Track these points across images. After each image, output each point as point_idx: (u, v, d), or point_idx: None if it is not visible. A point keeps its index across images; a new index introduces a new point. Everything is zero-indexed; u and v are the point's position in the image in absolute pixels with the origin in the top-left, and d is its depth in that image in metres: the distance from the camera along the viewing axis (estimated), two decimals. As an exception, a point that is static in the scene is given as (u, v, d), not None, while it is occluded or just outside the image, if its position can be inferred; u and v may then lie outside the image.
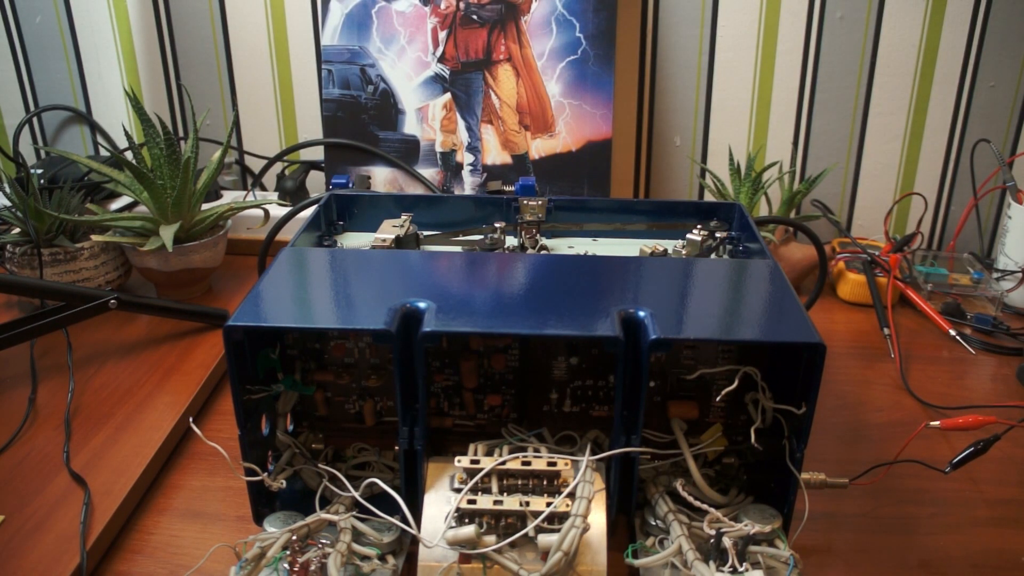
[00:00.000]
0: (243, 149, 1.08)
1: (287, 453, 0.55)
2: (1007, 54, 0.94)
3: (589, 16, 0.91)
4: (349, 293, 0.51)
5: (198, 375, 0.71)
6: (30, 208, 0.79)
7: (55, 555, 0.50)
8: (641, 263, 0.56)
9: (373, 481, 0.48)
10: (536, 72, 0.92)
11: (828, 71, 0.97)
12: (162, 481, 0.60)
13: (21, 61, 1.07)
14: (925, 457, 0.59)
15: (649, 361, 0.46)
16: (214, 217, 0.84)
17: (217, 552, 0.49)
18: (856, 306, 0.88)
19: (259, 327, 0.48)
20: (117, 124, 1.09)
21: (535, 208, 0.67)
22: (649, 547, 0.49)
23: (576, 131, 0.93)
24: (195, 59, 1.05)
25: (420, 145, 0.95)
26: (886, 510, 0.57)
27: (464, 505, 0.45)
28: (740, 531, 0.45)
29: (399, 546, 0.50)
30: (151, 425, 0.64)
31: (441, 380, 0.56)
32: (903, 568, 0.52)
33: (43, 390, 0.68)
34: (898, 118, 0.98)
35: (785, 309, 0.49)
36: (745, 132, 1.01)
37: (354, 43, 0.93)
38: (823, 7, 0.94)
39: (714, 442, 0.53)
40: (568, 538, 0.44)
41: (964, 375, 0.75)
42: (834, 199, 1.03)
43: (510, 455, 0.48)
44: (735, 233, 0.66)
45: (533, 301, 0.50)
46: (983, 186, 0.94)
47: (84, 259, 0.82)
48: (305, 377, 0.56)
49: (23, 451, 0.61)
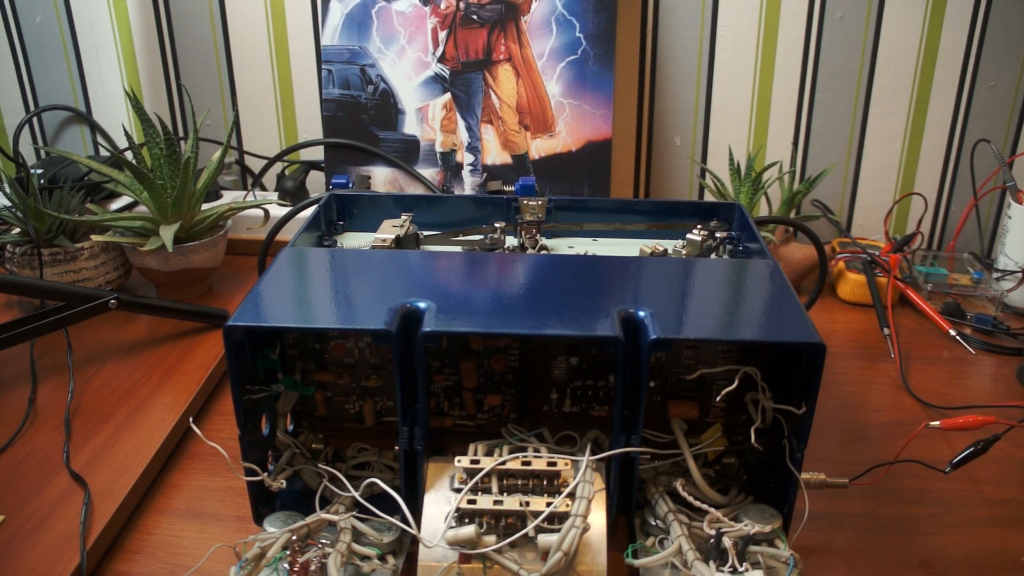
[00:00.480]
0: (243, 149, 1.08)
1: (287, 453, 0.55)
2: (1007, 54, 0.94)
3: (589, 16, 0.91)
4: (349, 293, 0.51)
5: (198, 375, 0.71)
6: (30, 208, 0.79)
7: (55, 555, 0.50)
8: (641, 263, 0.56)
9: (373, 481, 0.48)
10: (536, 72, 0.92)
11: (828, 71, 0.97)
12: (162, 481, 0.60)
13: (21, 61, 1.07)
14: (925, 457, 0.59)
15: (649, 361, 0.46)
16: (214, 217, 0.84)
17: (217, 552, 0.49)
18: (856, 306, 0.88)
19: (259, 327, 0.48)
20: (117, 124, 1.09)
21: (535, 208, 0.67)
22: (649, 547, 0.49)
23: (576, 131, 0.93)
24: (195, 59, 1.05)
25: (420, 145, 0.95)
26: (886, 510, 0.57)
27: (464, 505, 0.45)
28: (740, 531, 0.45)
29: (399, 546, 0.50)
30: (151, 425, 0.64)
31: (441, 380, 0.56)
32: (903, 568, 0.52)
33: (43, 390, 0.68)
34: (898, 118, 0.98)
35: (785, 309, 0.49)
36: (745, 132, 1.01)
37: (354, 43, 0.93)
38: (823, 7, 0.94)
39: (714, 442, 0.53)
40: (568, 538, 0.44)
41: (964, 375, 0.75)
42: (834, 199, 1.03)
43: (510, 455, 0.48)
44: (735, 233, 0.66)
45: (533, 301, 0.50)
46: (983, 186, 0.94)
47: (84, 259, 0.82)
48: (305, 377, 0.56)
49: (23, 451, 0.61)
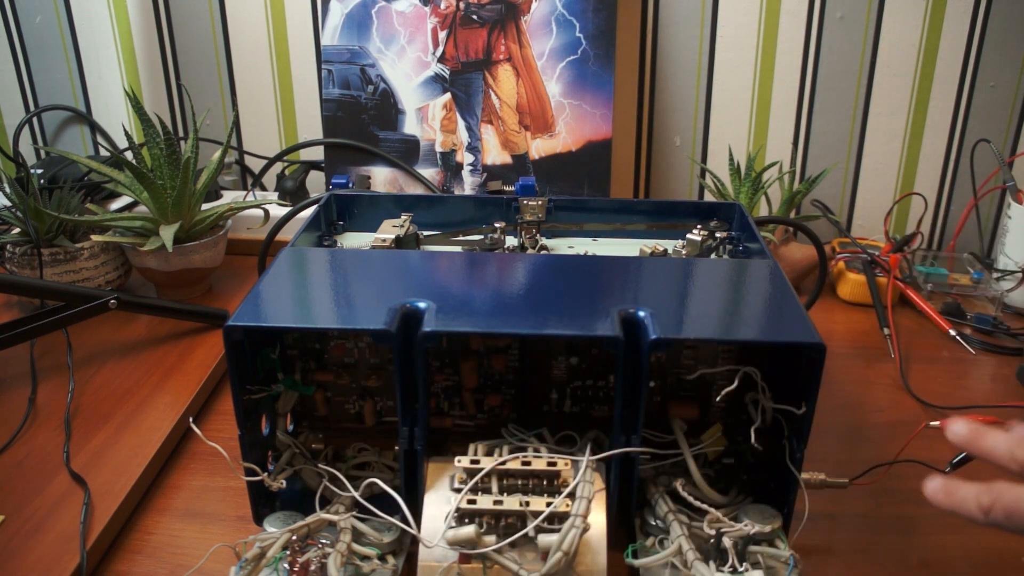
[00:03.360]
0: (243, 149, 1.08)
1: (287, 453, 0.55)
2: (1007, 54, 0.94)
3: (589, 16, 0.91)
4: (349, 293, 0.51)
5: (198, 375, 0.71)
6: (30, 208, 0.79)
7: (55, 555, 0.50)
8: (641, 263, 0.56)
9: (373, 481, 0.48)
10: (536, 72, 0.92)
11: (828, 71, 0.97)
12: (162, 481, 0.60)
13: (21, 61, 1.07)
14: (925, 457, 0.59)
15: (649, 361, 0.46)
16: (214, 217, 0.84)
17: (217, 552, 0.49)
18: (856, 306, 0.88)
19: (259, 327, 0.48)
20: (117, 124, 1.09)
21: (535, 208, 0.67)
22: (649, 547, 0.49)
23: (576, 131, 0.93)
24: (195, 59, 1.05)
25: (420, 145, 0.95)
26: (886, 510, 0.57)
27: (464, 505, 0.45)
28: (740, 531, 0.45)
29: (399, 546, 0.50)
30: (151, 425, 0.64)
31: (441, 380, 0.56)
32: (903, 568, 0.52)
33: (43, 390, 0.68)
34: (898, 118, 0.98)
35: (785, 309, 0.49)
36: (745, 132, 1.01)
37: (354, 43, 0.93)
38: (823, 7, 0.94)
39: (714, 442, 0.53)
40: (568, 538, 0.44)
41: (964, 375, 0.74)
42: (834, 199, 1.03)
43: (510, 455, 0.48)
44: (735, 233, 0.66)
45: (533, 301, 0.50)
46: (983, 186, 0.94)
47: (84, 259, 0.82)
48: (305, 377, 0.56)
49: (23, 451, 0.61)
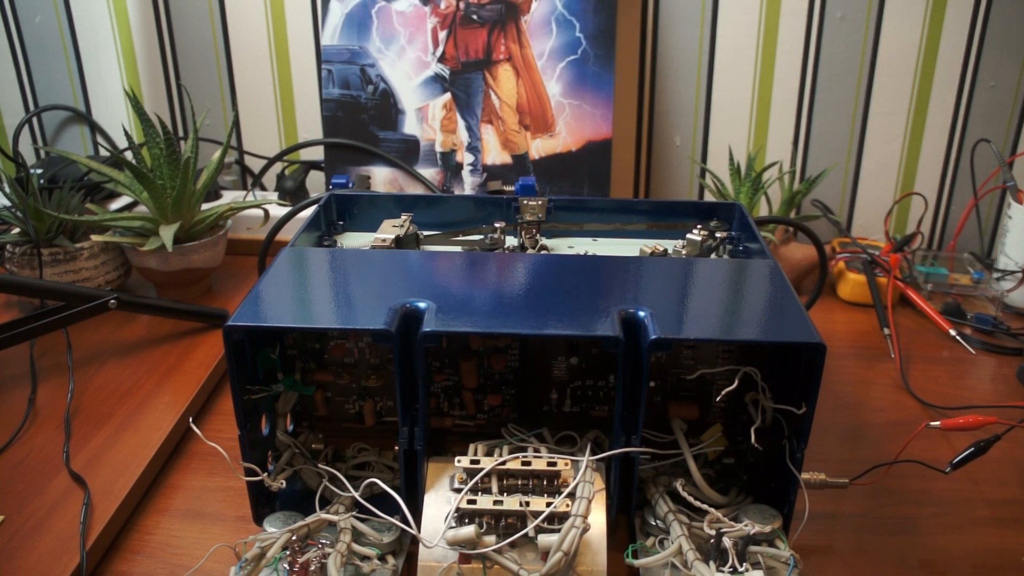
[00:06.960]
0: (243, 149, 1.08)
1: (287, 453, 0.55)
2: (1007, 54, 0.94)
3: (589, 16, 0.91)
4: (349, 293, 0.51)
5: (198, 375, 0.71)
6: (30, 208, 0.79)
7: (55, 555, 0.50)
8: (641, 263, 0.56)
9: (373, 481, 0.48)
10: (536, 72, 0.92)
11: (828, 71, 0.97)
12: (162, 481, 0.60)
13: (21, 61, 1.07)
14: (925, 457, 0.59)
15: (649, 361, 0.46)
16: (214, 217, 0.84)
17: (217, 552, 0.49)
18: (856, 306, 0.88)
19: (259, 327, 0.48)
20: (117, 124, 1.09)
21: (535, 208, 0.67)
22: (649, 547, 0.49)
23: (576, 131, 0.93)
24: (195, 59, 1.05)
25: (420, 145, 0.95)
26: (886, 510, 0.57)
27: (464, 505, 0.45)
28: (740, 531, 0.45)
29: (399, 546, 0.50)
30: (151, 425, 0.64)
31: (441, 380, 0.56)
32: (903, 568, 0.52)
33: (43, 390, 0.68)
34: (898, 118, 0.98)
35: (785, 309, 0.49)
36: (745, 132, 1.01)
37: (354, 43, 0.93)
38: (823, 7, 0.94)
39: (714, 442, 0.53)
40: (568, 538, 0.44)
41: (964, 375, 0.75)
42: (834, 199, 1.03)
43: (510, 455, 0.48)
44: (735, 233, 0.66)
45: (533, 301, 0.50)
46: (983, 186, 0.94)
47: (84, 259, 0.82)
48: (305, 377, 0.56)
49: (23, 451, 0.61)
